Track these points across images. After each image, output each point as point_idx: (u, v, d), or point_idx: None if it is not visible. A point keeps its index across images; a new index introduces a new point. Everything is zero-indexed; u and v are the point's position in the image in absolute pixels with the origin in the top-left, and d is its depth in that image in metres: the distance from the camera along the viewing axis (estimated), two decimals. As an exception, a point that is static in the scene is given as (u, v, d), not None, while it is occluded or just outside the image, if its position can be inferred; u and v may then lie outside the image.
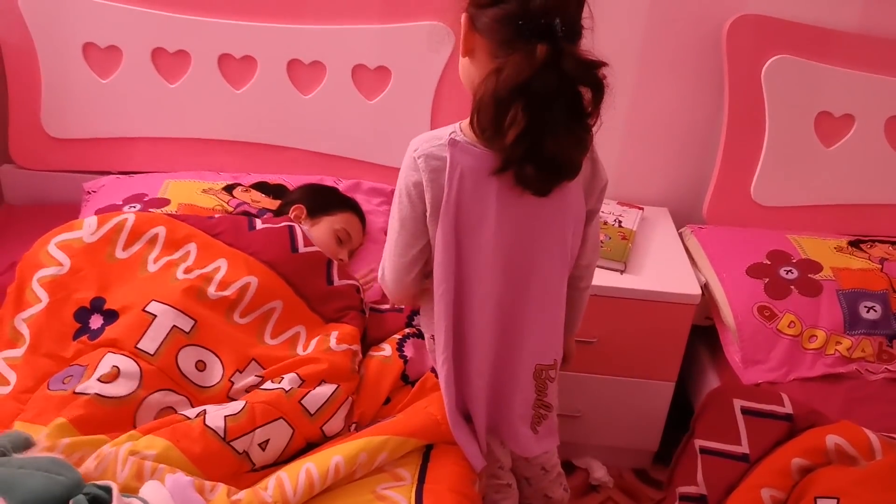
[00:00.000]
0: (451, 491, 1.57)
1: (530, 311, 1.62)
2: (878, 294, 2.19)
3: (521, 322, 1.62)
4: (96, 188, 2.38)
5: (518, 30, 1.37)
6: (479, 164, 1.47)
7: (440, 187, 1.50)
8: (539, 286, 1.60)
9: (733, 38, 2.32)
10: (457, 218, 1.51)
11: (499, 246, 1.53)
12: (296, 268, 1.93)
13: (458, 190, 1.48)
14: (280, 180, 2.40)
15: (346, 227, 2.18)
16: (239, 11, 2.33)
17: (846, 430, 1.67)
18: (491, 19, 1.41)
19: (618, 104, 2.51)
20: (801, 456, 1.63)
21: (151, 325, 1.72)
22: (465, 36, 1.47)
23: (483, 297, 1.58)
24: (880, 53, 2.36)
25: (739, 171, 2.44)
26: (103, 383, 1.61)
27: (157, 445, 1.49)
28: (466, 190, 1.49)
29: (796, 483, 1.61)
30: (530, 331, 1.64)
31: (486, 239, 1.53)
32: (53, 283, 1.81)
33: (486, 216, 1.51)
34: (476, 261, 1.55)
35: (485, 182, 1.48)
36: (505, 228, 1.52)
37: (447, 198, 1.49)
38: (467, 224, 1.51)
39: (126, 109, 2.43)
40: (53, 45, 2.34)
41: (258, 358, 1.78)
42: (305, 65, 2.39)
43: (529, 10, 1.36)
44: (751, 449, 1.71)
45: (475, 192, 1.49)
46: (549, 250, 1.58)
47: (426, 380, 1.83)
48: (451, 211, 1.49)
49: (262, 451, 1.60)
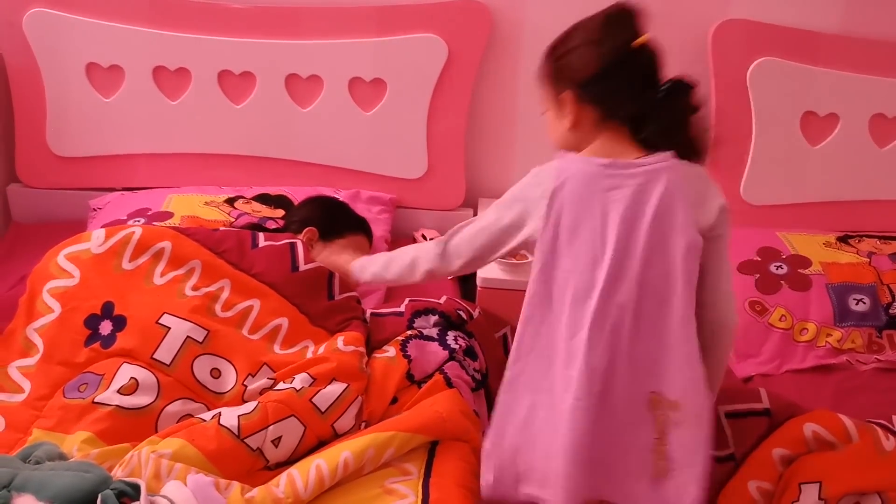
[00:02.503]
0: (457, 485, 1.61)
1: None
2: (867, 287, 2.25)
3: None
4: (102, 205, 2.44)
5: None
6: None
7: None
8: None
9: (718, 42, 2.39)
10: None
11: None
12: (298, 289, 1.97)
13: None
14: (281, 192, 2.45)
15: (356, 250, 2.22)
16: (237, 29, 2.39)
17: (821, 417, 1.71)
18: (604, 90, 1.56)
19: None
20: (782, 446, 1.66)
21: (166, 337, 1.77)
22: (571, 110, 1.59)
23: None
24: (862, 53, 2.43)
25: (728, 171, 2.50)
26: (123, 395, 1.67)
27: (173, 444, 1.54)
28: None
29: (781, 474, 1.65)
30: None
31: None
32: (66, 294, 1.86)
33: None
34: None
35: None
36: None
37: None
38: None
39: (129, 127, 2.49)
40: (57, 65, 2.40)
41: (270, 363, 1.83)
42: (303, 79, 2.45)
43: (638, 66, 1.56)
44: (736, 448, 1.75)
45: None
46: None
47: (435, 382, 1.86)
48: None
49: (275, 448, 1.64)
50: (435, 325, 2.03)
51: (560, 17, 2.40)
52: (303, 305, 1.96)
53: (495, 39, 2.44)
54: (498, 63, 2.48)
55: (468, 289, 2.38)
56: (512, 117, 2.57)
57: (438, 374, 1.88)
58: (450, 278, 2.37)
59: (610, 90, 1.56)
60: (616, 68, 1.55)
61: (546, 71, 1.65)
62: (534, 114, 2.54)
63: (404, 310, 2.05)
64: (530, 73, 2.48)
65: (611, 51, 1.55)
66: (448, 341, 1.98)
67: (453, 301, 2.12)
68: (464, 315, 2.09)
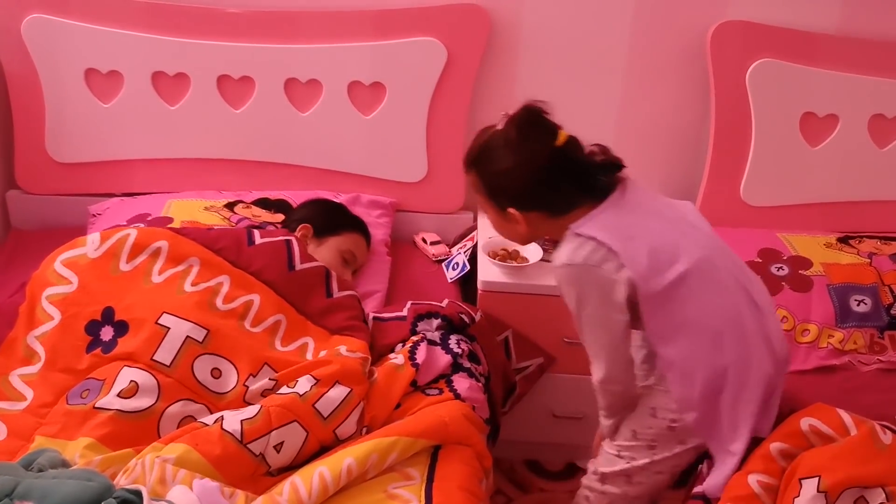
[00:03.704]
0: (460, 489, 1.62)
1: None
2: (868, 287, 2.25)
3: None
4: (101, 210, 2.44)
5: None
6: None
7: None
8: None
9: (717, 43, 2.39)
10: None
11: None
12: (294, 288, 1.98)
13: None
14: (281, 196, 2.45)
15: (351, 248, 2.22)
16: (236, 33, 2.39)
17: (818, 411, 1.72)
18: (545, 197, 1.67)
19: (607, 112, 2.58)
20: (780, 441, 1.68)
21: (165, 338, 1.77)
22: (521, 220, 1.69)
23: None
24: (861, 54, 2.43)
25: (728, 172, 2.50)
26: (123, 399, 1.67)
27: (177, 449, 1.54)
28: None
29: (784, 468, 1.66)
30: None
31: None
32: (65, 300, 1.86)
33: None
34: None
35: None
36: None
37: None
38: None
39: (128, 132, 2.48)
40: (56, 71, 2.40)
41: (270, 361, 1.83)
42: (302, 83, 2.45)
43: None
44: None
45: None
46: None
47: (443, 398, 1.86)
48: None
49: (277, 454, 1.64)
50: (437, 329, 2.03)
51: (558, 20, 2.44)
52: (300, 304, 1.97)
53: (494, 42, 2.44)
54: (497, 66, 2.48)
55: (469, 291, 2.38)
56: (511, 120, 2.56)
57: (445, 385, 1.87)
58: (450, 282, 2.37)
59: (551, 194, 1.66)
60: (549, 173, 1.64)
61: (478, 186, 1.73)
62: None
63: (407, 313, 2.05)
64: (529, 75, 2.52)
65: (538, 161, 1.64)
66: (450, 345, 1.98)
67: (455, 304, 2.12)
68: (466, 318, 2.09)
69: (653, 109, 2.54)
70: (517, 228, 1.71)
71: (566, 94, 2.50)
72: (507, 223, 1.72)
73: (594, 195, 1.67)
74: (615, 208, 1.66)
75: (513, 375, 2.27)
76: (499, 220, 1.73)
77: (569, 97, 2.49)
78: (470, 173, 1.74)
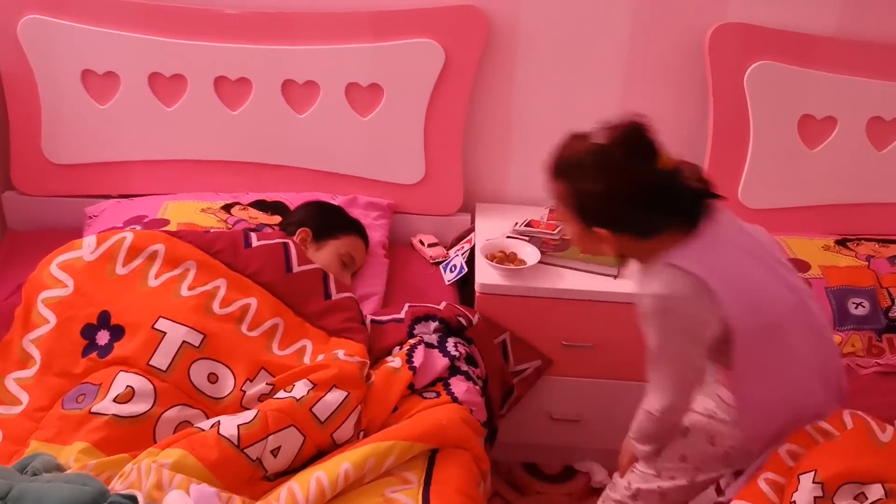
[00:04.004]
0: (458, 492, 1.62)
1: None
2: (866, 290, 2.25)
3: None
4: (98, 212, 2.43)
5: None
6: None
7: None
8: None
9: (715, 46, 2.38)
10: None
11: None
12: (292, 290, 1.97)
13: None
14: (278, 198, 2.44)
15: (350, 251, 2.22)
16: (233, 34, 2.38)
17: None
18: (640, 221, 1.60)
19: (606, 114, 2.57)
20: (788, 441, 1.70)
21: (162, 342, 1.76)
22: (609, 241, 1.62)
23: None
24: (859, 56, 2.43)
25: (726, 175, 2.49)
26: (119, 404, 1.66)
27: (173, 454, 1.53)
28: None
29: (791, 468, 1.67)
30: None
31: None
32: (60, 303, 1.85)
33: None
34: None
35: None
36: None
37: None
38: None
39: (125, 134, 2.48)
40: (52, 72, 2.39)
41: (267, 366, 1.82)
42: (300, 84, 2.44)
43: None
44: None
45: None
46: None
47: (440, 401, 1.85)
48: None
49: (274, 458, 1.64)
50: (435, 332, 2.02)
51: (556, 22, 2.43)
52: (298, 306, 1.96)
53: (492, 44, 2.43)
54: (495, 68, 2.47)
55: (467, 294, 2.38)
56: (509, 122, 2.56)
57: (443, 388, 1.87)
58: (447, 284, 2.37)
59: (644, 218, 1.58)
60: (646, 198, 1.56)
61: (564, 198, 1.63)
62: (531, 118, 2.55)
63: (404, 316, 2.05)
64: (527, 77, 2.51)
65: (637, 186, 1.55)
66: (448, 348, 1.97)
67: (453, 307, 2.12)
68: (463, 321, 2.08)
69: (651, 111, 2.48)
70: (602, 247, 1.64)
71: (564, 96, 2.51)
72: (590, 240, 1.64)
73: (686, 221, 1.61)
74: (710, 241, 1.60)
75: (510, 378, 2.26)
76: (581, 234, 1.65)
77: (566, 99, 2.52)
78: (557, 183, 1.64)
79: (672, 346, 1.62)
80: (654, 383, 1.71)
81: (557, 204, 1.66)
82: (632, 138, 1.56)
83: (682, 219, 1.60)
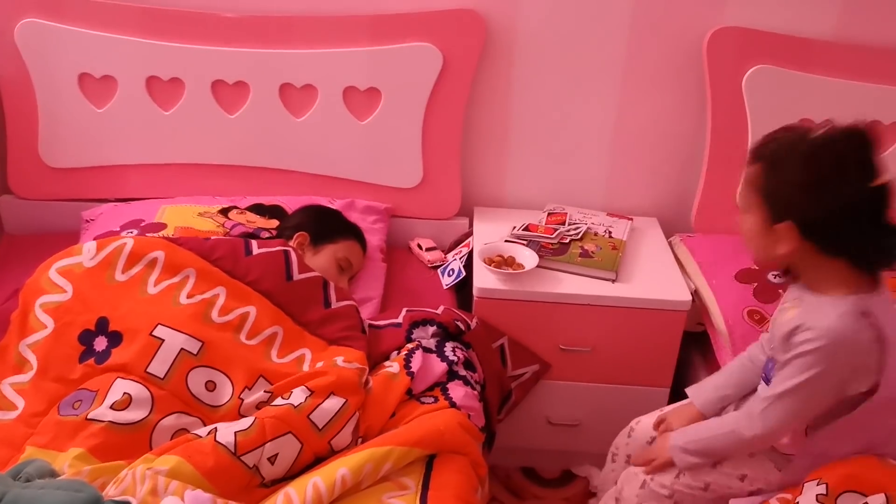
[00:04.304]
0: (455, 498, 1.61)
1: None
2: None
3: None
4: (94, 216, 2.42)
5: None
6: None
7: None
8: None
9: (713, 50, 2.38)
10: None
11: None
12: (292, 297, 1.97)
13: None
14: (276, 202, 2.44)
15: (347, 255, 2.21)
16: (231, 38, 2.38)
17: None
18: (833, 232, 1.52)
19: (604, 118, 2.57)
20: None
21: (160, 350, 1.76)
22: (790, 241, 1.54)
23: None
24: (857, 60, 2.42)
25: (725, 179, 2.49)
26: (116, 411, 1.65)
27: (169, 461, 1.53)
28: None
29: None
30: None
31: None
32: (58, 309, 1.84)
33: None
34: None
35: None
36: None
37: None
38: None
39: (122, 138, 2.47)
40: (49, 76, 2.38)
41: (266, 374, 1.82)
42: (297, 88, 2.44)
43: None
44: None
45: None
46: None
47: (438, 406, 1.85)
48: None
49: (272, 466, 1.63)
50: (433, 336, 2.02)
51: (554, 26, 2.43)
52: (298, 315, 1.96)
53: (490, 48, 2.43)
54: (493, 71, 2.47)
55: (465, 298, 2.37)
56: (507, 125, 2.56)
57: (441, 393, 1.86)
58: (445, 288, 2.36)
59: (840, 232, 1.50)
60: (851, 211, 1.48)
61: (756, 183, 1.56)
62: (529, 122, 2.55)
63: (402, 320, 2.04)
64: (525, 81, 2.51)
65: (848, 195, 1.47)
66: (446, 353, 1.97)
67: (451, 311, 2.11)
68: (461, 325, 2.08)
69: (649, 115, 2.54)
70: (775, 248, 1.55)
71: (562, 100, 2.51)
72: (766, 236, 1.55)
73: (876, 256, 1.52)
74: (886, 292, 1.53)
75: (508, 383, 2.26)
76: (759, 229, 1.56)
77: (564, 103, 2.52)
78: (754, 165, 1.56)
79: (813, 387, 1.54)
80: (764, 410, 1.62)
81: (745, 190, 1.57)
82: (856, 142, 1.49)
83: (875, 250, 1.51)
